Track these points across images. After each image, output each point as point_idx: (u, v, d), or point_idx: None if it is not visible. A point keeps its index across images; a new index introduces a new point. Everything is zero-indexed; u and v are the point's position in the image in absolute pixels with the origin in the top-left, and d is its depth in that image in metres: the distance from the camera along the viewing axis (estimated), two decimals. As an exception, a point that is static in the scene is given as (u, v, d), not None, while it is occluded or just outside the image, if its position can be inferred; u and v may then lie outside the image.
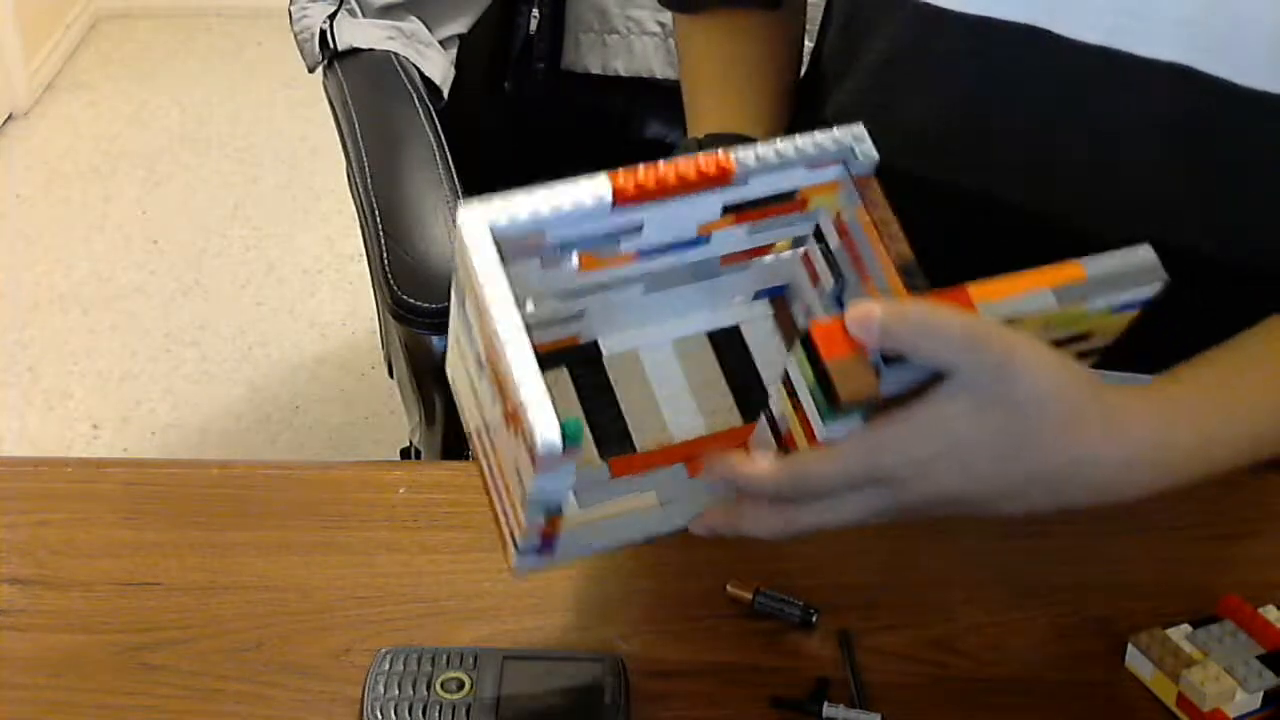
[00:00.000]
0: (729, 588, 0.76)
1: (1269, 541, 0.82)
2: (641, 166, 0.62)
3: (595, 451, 0.70)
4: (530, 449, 0.56)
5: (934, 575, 0.78)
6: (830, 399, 0.58)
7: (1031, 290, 0.60)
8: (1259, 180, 0.75)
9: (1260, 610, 0.73)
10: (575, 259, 0.65)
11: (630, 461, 0.70)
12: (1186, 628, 0.72)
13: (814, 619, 0.74)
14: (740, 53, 0.92)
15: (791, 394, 0.61)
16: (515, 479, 0.60)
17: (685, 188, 0.62)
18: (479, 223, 0.59)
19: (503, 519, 0.65)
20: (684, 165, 0.62)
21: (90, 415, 2.23)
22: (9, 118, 2.90)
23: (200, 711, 0.70)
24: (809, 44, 0.98)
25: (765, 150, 0.63)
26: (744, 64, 0.92)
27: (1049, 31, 0.73)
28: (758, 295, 0.74)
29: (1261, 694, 0.69)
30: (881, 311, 0.57)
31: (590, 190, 0.61)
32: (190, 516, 0.80)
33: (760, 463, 0.61)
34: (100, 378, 2.29)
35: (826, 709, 0.69)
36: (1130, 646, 0.72)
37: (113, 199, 2.69)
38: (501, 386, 0.59)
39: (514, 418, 0.58)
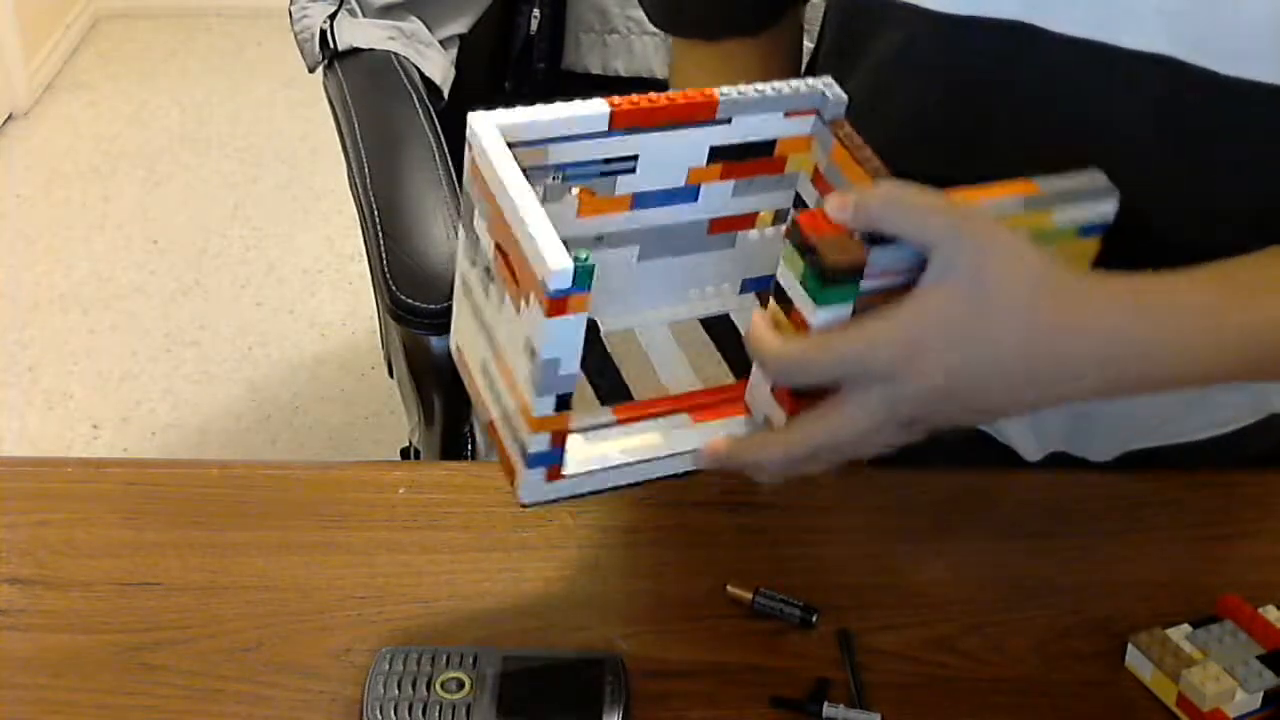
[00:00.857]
0: (729, 588, 0.76)
1: (1269, 541, 0.82)
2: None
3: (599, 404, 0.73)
4: (543, 287, 0.58)
5: (934, 575, 0.78)
6: (819, 273, 0.61)
7: (1001, 196, 0.66)
8: (1250, 169, 0.75)
9: (1260, 610, 0.73)
10: (575, 196, 0.69)
11: (634, 408, 0.72)
12: (1186, 628, 0.73)
13: (814, 619, 0.74)
14: (735, 69, 0.92)
15: (783, 300, 0.64)
16: (525, 363, 0.61)
17: (675, 113, 0.68)
18: (488, 122, 0.64)
19: (510, 445, 0.66)
20: (674, 94, 0.68)
21: (90, 415, 2.23)
22: (9, 118, 2.90)
23: (200, 711, 0.70)
24: (809, 44, 0.99)
25: (746, 89, 0.69)
26: (740, 79, 0.92)
27: (1035, 26, 0.73)
28: (744, 289, 0.78)
29: (1261, 694, 0.69)
30: (856, 192, 0.62)
31: (590, 108, 0.67)
32: (190, 516, 0.80)
33: (767, 337, 0.64)
34: (100, 378, 2.29)
35: (826, 709, 0.70)
36: (1130, 646, 0.72)
37: (113, 199, 2.69)
38: (513, 259, 0.61)
39: (525, 276, 0.60)
